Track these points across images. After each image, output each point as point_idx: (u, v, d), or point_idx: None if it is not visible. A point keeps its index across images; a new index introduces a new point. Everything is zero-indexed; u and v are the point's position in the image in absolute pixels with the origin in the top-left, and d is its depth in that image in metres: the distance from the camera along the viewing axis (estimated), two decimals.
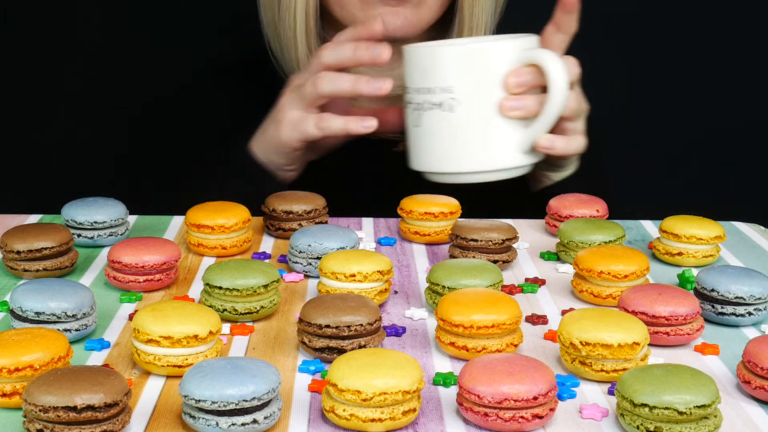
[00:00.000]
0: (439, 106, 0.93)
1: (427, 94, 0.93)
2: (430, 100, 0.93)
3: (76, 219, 0.93)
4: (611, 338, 0.68)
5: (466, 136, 0.93)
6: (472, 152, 0.94)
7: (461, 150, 0.94)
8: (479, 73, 0.92)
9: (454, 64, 0.92)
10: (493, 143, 0.93)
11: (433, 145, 0.94)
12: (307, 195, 0.99)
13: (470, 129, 0.93)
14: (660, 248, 0.93)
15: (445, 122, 0.93)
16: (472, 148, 0.94)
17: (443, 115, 0.93)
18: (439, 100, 0.93)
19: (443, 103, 0.92)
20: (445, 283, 0.79)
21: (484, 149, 0.94)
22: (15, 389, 0.64)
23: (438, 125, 0.93)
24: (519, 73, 0.91)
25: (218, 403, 0.60)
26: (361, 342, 0.72)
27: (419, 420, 0.64)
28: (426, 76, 0.93)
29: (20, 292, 0.74)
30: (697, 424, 0.61)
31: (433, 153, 0.95)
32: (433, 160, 0.95)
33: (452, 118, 0.93)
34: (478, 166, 0.94)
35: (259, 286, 0.78)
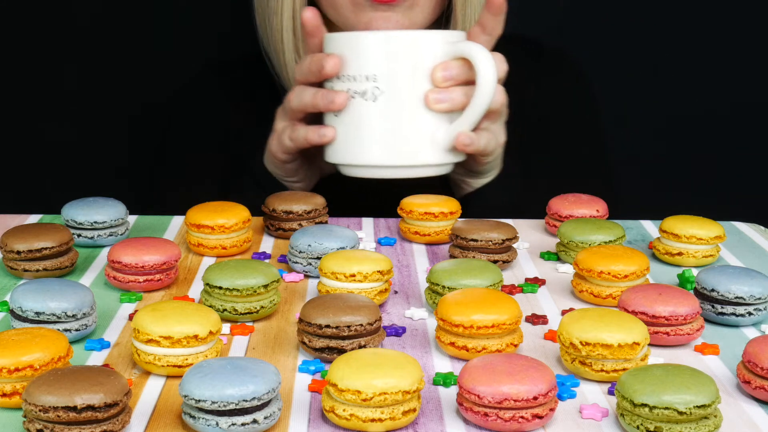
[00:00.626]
0: (362, 95, 0.91)
1: (349, 82, 0.92)
2: (353, 89, 0.92)
3: (76, 219, 0.93)
4: (611, 338, 0.68)
5: (388, 127, 0.92)
6: (393, 145, 0.92)
7: (381, 142, 0.92)
8: (406, 63, 0.91)
9: (380, 52, 0.91)
10: (415, 137, 0.92)
11: (352, 136, 0.93)
12: (307, 195, 0.99)
13: (393, 121, 0.92)
14: (660, 248, 0.93)
15: (367, 112, 0.92)
16: (393, 141, 0.92)
17: (366, 104, 0.91)
18: (363, 89, 0.91)
19: (367, 92, 0.91)
20: (445, 283, 0.79)
21: (405, 143, 0.92)
22: (15, 389, 0.65)
23: (359, 115, 0.92)
24: (447, 66, 0.91)
25: (218, 403, 0.60)
26: (361, 342, 0.72)
27: (419, 420, 0.64)
28: (350, 63, 0.91)
29: (20, 292, 0.74)
30: (697, 424, 0.61)
31: (351, 144, 0.93)
32: (351, 152, 0.94)
33: (375, 108, 0.91)
34: (398, 160, 0.93)
35: (259, 286, 0.78)
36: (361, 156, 0.93)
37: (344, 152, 0.94)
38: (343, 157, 0.94)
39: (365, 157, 0.93)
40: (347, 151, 0.94)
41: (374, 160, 0.93)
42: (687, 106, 1.70)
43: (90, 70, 1.63)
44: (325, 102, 0.94)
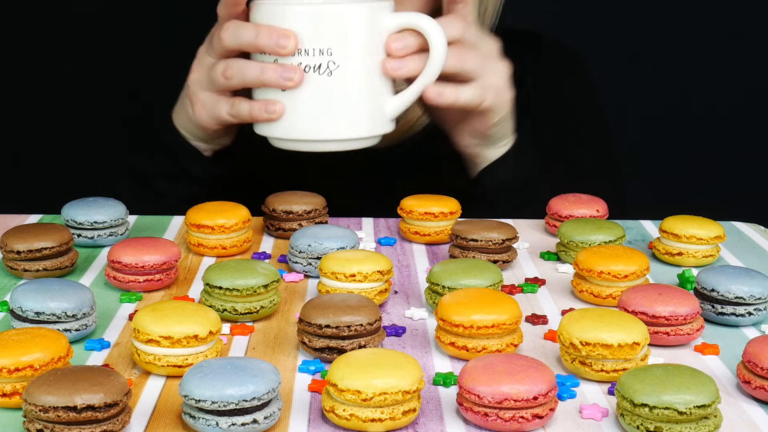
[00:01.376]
0: (316, 69, 0.89)
1: (301, 56, 0.89)
2: (306, 62, 0.89)
3: (76, 219, 0.93)
4: (611, 338, 0.68)
5: (343, 101, 0.90)
6: (346, 119, 0.91)
7: (336, 116, 0.91)
8: (362, 36, 0.90)
9: (337, 26, 0.89)
10: (369, 110, 0.92)
11: (304, 111, 0.90)
12: (307, 195, 0.99)
13: (348, 94, 0.91)
14: (660, 248, 0.93)
15: (323, 86, 0.90)
16: (347, 115, 0.91)
17: (320, 78, 0.89)
18: (317, 63, 0.89)
19: (321, 66, 0.89)
20: (445, 283, 0.79)
21: (359, 116, 0.92)
22: (15, 389, 0.64)
23: (313, 90, 0.90)
24: (401, 36, 0.91)
25: (218, 403, 0.60)
26: (361, 342, 0.72)
27: (419, 420, 0.64)
28: (304, 37, 0.89)
29: (20, 292, 0.74)
30: (697, 424, 0.61)
31: (301, 119, 0.91)
32: (301, 127, 0.91)
33: (330, 82, 0.90)
34: (351, 133, 0.92)
35: (259, 286, 0.78)
36: (313, 131, 0.91)
37: (292, 127, 0.92)
38: (290, 131, 0.92)
39: (317, 132, 0.92)
40: (296, 127, 0.91)
41: (326, 135, 0.92)
42: (687, 106, 1.70)
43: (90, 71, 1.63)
44: (280, 79, 0.90)
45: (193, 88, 1.00)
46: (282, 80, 0.90)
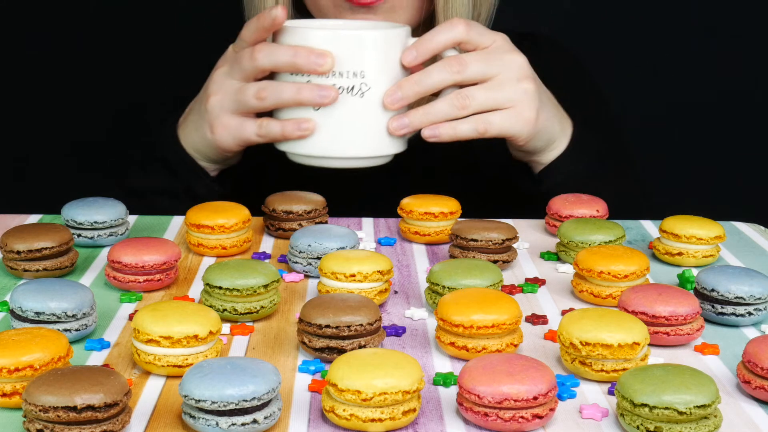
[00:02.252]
0: (349, 91, 0.93)
1: (335, 78, 0.93)
2: (339, 84, 0.93)
3: (76, 219, 0.93)
4: (611, 338, 0.68)
5: (372, 121, 0.94)
6: (375, 137, 0.95)
7: (366, 135, 0.95)
8: (394, 59, 0.94)
9: (372, 50, 0.93)
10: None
11: (336, 129, 0.94)
12: (307, 195, 0.99)
13: (377, 115, 0.94)
14: (660, 248, 0.93)
15: (353, 107, 0.93)
16: (376, 133, 0.95)
17: (352, 99, 0.93)
18: (350, 85, 0.93)
19: (354, 88, 0.93)
20: (445, 283, 0.79)
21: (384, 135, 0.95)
22: (15, 389, 0.64)
23: (344, 110, 0.93)
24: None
25: (218, 403, 0.60)
26: (361, 342, 0.72)
27: (419, 420, 0.64)
28: (340, 59, 0.92)
29: (20, 292, 0.74)
30: (697, 424, 0.61)
31: (333, 136, 0.94)
32: (332, 144, 0.95)
33: (361, 104, 0.93)
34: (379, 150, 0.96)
35: (259, 286, 0.78)
36: (342, 149, 0.95)
37: (321, 145, 0.95)
38: (320, 149, 0.95)
39: (345, 149, 0.95)
40: (326, 144, 0.95)
41: (354, 152, 0.95)
42: (687, 106, 1.70)
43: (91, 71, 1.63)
44: (317, 97, 0.92)
45: (214, 112, 0.99)
46: (319, 98, 0.92)
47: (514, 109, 0.96)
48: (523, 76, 0.97)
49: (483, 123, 0.95)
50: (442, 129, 0.95)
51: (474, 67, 0.95)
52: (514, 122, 0.97)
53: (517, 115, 0.97)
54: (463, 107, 0.94)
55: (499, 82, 0.96)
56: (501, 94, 0.96)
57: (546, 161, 1.05)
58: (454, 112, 0.95)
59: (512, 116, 0.96)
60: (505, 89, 0.96)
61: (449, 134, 0.95)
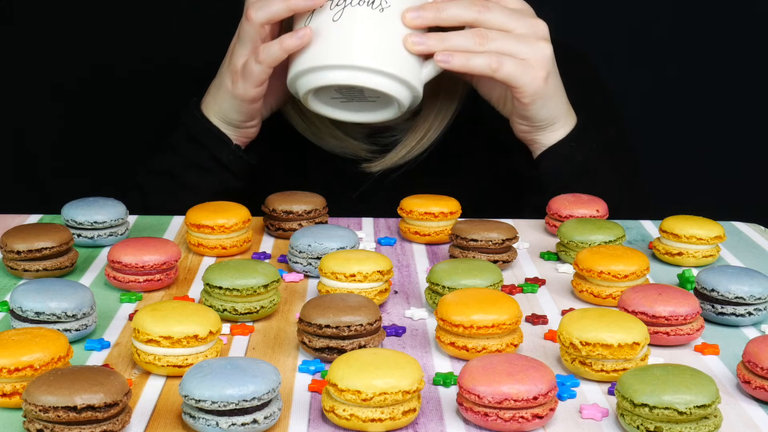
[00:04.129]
0: (369, 4, 0.94)
1: None
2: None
3: (76, 219, 0.93)
4: (611, 338, 0.68)
5: (390, 37, 0.94)
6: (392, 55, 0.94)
7: (384, 49, 0.94)
8: None
9: None
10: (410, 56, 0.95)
11: (344, 37, 0.94)
12: (307, 195, 0.99)
13: (395, 31, 0.94)
14: (660, 248, 0.93)
15: (370, 19, 0.94)
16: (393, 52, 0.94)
17: (371, 12, 0.94)
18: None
19: (375, 2, 0.94)
20: (445, 283, 0.79)
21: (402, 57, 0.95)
22: (15, 389, 0.64)
23: (360, 20, 0.94)
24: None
25: (218, 403, 0.60)
26: (361, 342, 0.72)
27: (419, 420, 0.64)
28: None
29: (20, 292, 0.74)
30: (697, 424, 0.61)
31: (340, 45, 0.94)
32: (337, 52, 0.94)
33: (381, 18, 0.94)
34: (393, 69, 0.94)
35: (259, 286, 0.78)
36: (359, 57, 0.94)
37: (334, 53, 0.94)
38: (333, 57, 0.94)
39: (359, 58, 0.94)
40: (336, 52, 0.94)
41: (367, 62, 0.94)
42: (687, 106, 1.70)
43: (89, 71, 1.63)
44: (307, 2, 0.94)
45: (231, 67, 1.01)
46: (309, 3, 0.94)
47: (527, 62, 0.98)
48: (542, 38, 0.99)
49: (496, 62, 0.96)
50: (455, 56, 0.96)
51: (497, 14, 0.97)
52: (523, 73, 0.98)
53: (528, 68, 0.98)
54: (481, 44, 0.96)
55: (518, 35, 0.98)
56: (519, 46, 0.97)
57: (547, 143, 1.05)
58: (471, 45, 0.96)
59: (524, 67, 0.97)
60: (523, 42, 0.98)
61: (461, 63, 0.96)
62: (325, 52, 0.94)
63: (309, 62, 0.95)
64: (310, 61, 0.95)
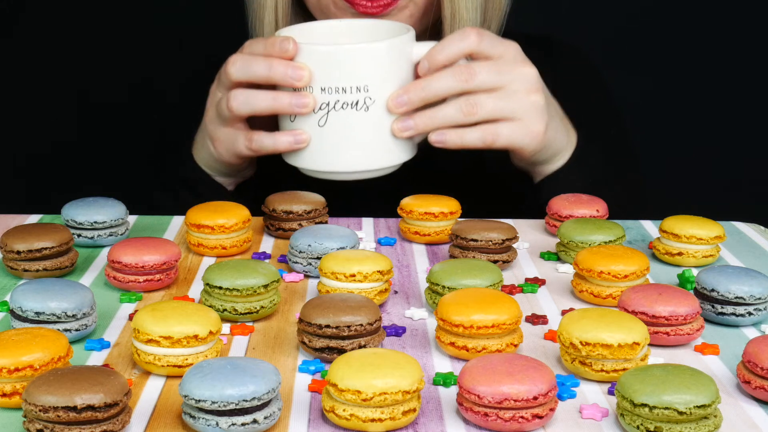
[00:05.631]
0: (353, 106, 0.91)
1: (338, 94, 0.91)
2: (343, 100, 0.91)
3: (76, 219, 0.93)
4: (611, 338, 0.68)
5: (378, 134, 0.93)
6: (385, 149, 0.94)
7: (375, 148, 0.94)
8: (397, 70, 0.93)
9: (374, 62, 0.91)
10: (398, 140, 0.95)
11: (337, 145, 0.93)
12: (307, 195, 0.99)
13: (383, 128, 0.93)
14: (660, 248, 0.93)
15: (358, 121, 0.92)
16: (385, 145, 0.94)
17: (357, 114, 0.92)
18: (354, 100, 0.91)
19: (359, 103, 0.91)
20: (445, 283, 0.79)
21: (395, 145, 0.94)
22: (15, 389, 0.65)
23: (348, 124, 0.92)
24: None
25: (218, 403, 0.60)
26: (361, 342, 0.72)
27: (419, 420, 0.64)
28: (340, 75, 0.91)
29: (20, 292, 0.74)
30: (697, 424, 0.61)
31: (340, 152, 0.93)
32: (343, 160, 0.94)
33: (366, 118, 0.92)
34: (389, 162, 0.95)
35: (259, 286, 0.78)
36: (353, 163, 0.94)
37: (331, 161, 0.94)
38: (330, 165, 0.95)
39: (357, 163, 0.95)
40: (336, 160, 0.94)
41: (365, 166, 0.95)
42: (688, 106, 1.70)
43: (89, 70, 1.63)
44: (293, 106, 0.91)
45: (210, 127, 1.00)
46: (297, 107, 0.91)
47: (522, 122, 0.95)
48: (532, 89, 0.95)
49: (491, 134, 0.94)
50: (449, 135, 0.93)
51: (483, 76, 0.93)
52: (522, 135, 0.95)
53: (525, 128, 0.95)
54: (471, 114, 0.93)
55: (507, 92, 0.94)
56: (509, 105, 0.94)
57: (547, 172, 1.04)
58: (460, 118, 0.93)
59: (520, 129, 0.95)
60: (514, 100, 0.94)
61: (455, 141, 0.94)
62: (314, 159, 0.94)
63: (299, 162, 0.96)
64: (300, 161, 0.96)
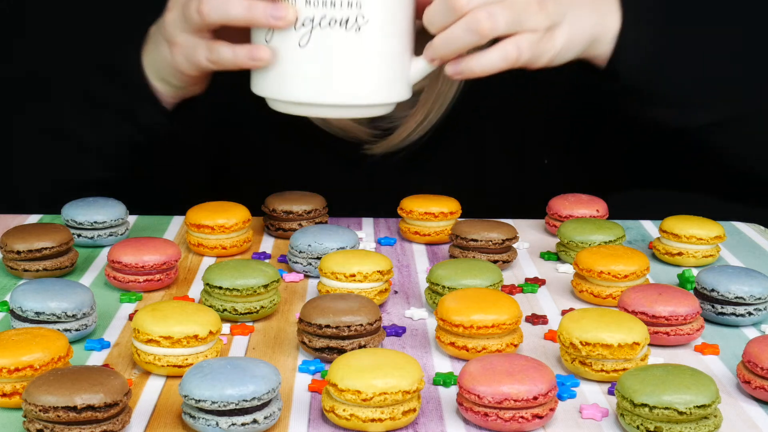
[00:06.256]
0: (342, 24, 0.78)
1: (325, 7, 0.78)
2: (332, 15, 0.78)
3: (76, 219, 0.93)
4: (611, 338, 0.68)
5: (372, 62, 0.80)
6: (374, 81, 0.81)
7: (363, 78, 0.80)
8: None
9: None
10: (397, 71, 0.82)
11: (324, 71, 0.80)
12: (307, 195, 0.99)
13: (378, 53, 0.80)
14: (660, 248, 0.93)
15: (347, 44, 0.79)
16: (376, 77, 0.81)
17: (346, 35, 0.78)
18: (345, 16, 0.78)
19: (349, 20, 0.78)
20: (445, 283, 0.79)
21: (387, 78, 0.81)
22: (15, 389, 0.64)
23: (336, 47, 0.79)
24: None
25: (218, 403, 0.60)
26: (361, 342, 0.72)
27: (419, 420, 0.64)
28: None
29: (20, 292, 0.74)
30: (697, 424, 0.61)
31: (321, 80, 0.80)
32: (321, 89, 0.80)
33: (357, 39, 0.79)
34: (377, 98, 0.82)
35: (259, 286, 0.78)
36: (334, 94, 0.80)
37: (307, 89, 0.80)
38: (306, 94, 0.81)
39: (337, 95, 0.81)
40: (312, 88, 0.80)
41: (348, 99, 0.81)
42: None
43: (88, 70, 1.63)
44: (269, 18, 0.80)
45: (169, 30, 0.88)
46: (271, 19, 0.80)
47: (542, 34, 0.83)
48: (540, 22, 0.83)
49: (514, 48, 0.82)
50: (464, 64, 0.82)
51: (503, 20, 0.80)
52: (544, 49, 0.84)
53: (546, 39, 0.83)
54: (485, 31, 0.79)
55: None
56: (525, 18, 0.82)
57: (605, 52, 0.90)
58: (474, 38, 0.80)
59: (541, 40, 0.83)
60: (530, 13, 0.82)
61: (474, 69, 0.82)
62: (292, 86, 0.82)
63: (274, 92, 0.83)
64: (275, 90, 0.83)
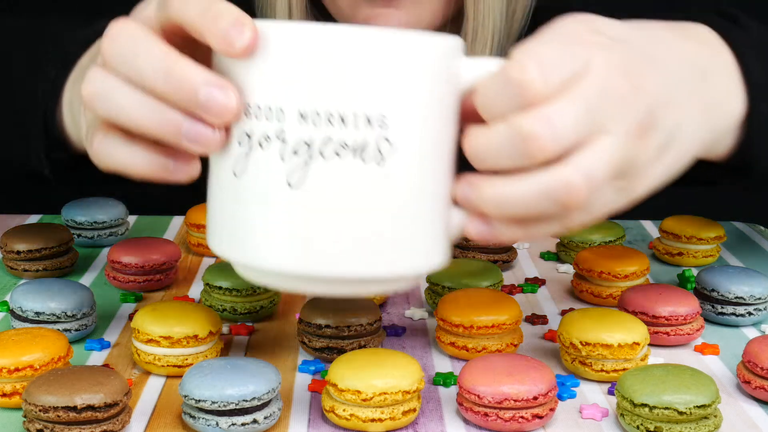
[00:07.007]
0: (357, 153, 0.50)
1: (329, 126, 0.49)
2: (340, 139, 0.49)
3: (76, 219, 0.93)
4: (611, 338, 0.68)
5: (400, 212, 0.51)
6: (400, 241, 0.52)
7: (384, 237, 0.51)
8: (438, 96, 0.52)
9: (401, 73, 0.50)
10: (436, 226, 0.54)
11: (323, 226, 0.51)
12: None
13: (410, 199, 0.51)
14: (660, 248, 0.93)
15: (368, 184, 0.50)
16: (404, 235, 0.52)
17: (365, 169, 0.50)
18: (361, 140, 0.49)
19: (367, 146, 0.49)
20: (445, 283, 0.79)
21: (421, 237, 0.53)
22: (15, 389, 0.64)
23: (347, 188, 0.50)
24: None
25: (218, 403, 0.60)
26: (361, 342, 0.72)
27: (419, 420, 0.64)
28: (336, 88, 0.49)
29: (20, 292, 0.74)
30: (697, 424, 0.61)
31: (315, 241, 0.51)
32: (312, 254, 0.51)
33: (382, 177, 0.50)
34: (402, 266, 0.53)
35: (259, 286, 0.78)
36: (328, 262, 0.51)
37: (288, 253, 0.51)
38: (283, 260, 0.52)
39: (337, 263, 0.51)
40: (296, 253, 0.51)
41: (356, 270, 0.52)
42: None
43: None
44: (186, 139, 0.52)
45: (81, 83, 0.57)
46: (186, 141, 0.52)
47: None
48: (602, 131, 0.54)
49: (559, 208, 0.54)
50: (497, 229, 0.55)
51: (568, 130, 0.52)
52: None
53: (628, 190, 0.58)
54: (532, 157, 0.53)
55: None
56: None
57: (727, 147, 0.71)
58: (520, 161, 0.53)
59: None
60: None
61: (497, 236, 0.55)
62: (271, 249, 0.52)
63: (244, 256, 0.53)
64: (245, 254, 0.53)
